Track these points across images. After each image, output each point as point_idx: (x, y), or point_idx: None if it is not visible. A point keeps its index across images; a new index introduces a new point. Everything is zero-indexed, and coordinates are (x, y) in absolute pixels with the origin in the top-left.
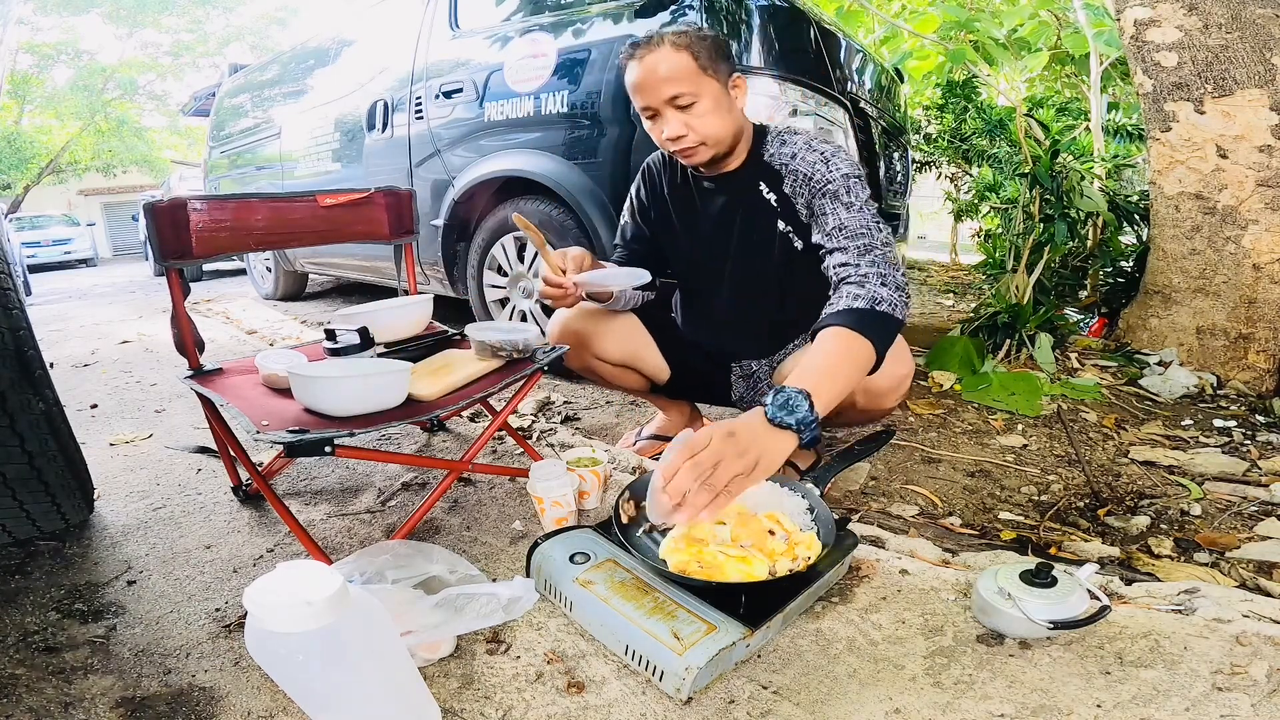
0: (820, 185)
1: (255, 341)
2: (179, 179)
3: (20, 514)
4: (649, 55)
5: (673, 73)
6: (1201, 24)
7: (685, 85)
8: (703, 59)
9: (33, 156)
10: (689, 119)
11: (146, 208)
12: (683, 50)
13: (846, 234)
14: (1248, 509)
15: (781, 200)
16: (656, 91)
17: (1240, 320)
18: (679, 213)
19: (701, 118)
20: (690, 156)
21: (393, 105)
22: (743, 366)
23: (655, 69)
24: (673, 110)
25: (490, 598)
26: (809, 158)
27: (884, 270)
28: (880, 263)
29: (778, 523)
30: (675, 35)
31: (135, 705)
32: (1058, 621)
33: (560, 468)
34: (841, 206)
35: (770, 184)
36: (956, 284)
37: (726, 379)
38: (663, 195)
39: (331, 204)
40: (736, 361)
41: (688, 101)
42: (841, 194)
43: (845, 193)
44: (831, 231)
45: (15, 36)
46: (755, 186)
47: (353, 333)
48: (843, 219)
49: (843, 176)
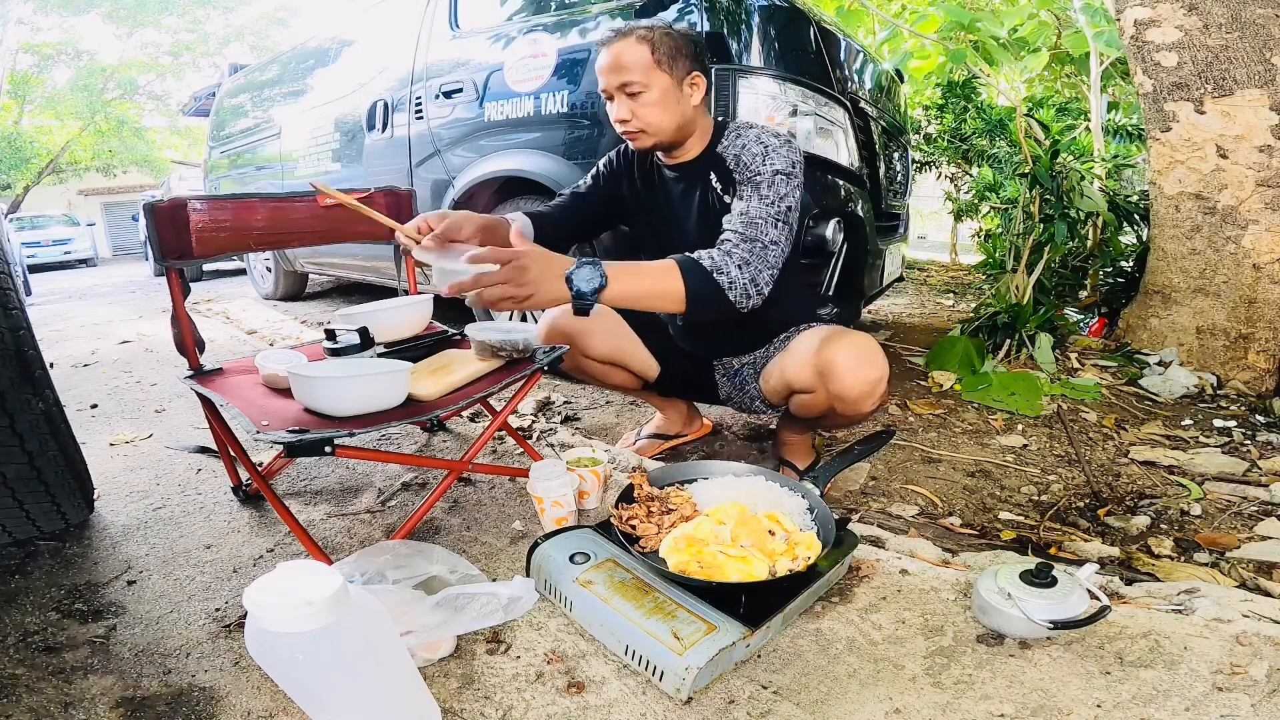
0: (751, 173)
1: (255, 341)
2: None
3: (20, 514)
4: (615, 43)
5: (628, 62)
6: (1201, 24)
7: (637, 75)
8: (660, 54)
9: (33, 156)
10: (635, 106)
11: (146, 208)
12: (643, 44)
13: (744, 220)
14: (1248, 509)
15: (728, 189)
16: (612, 77)
17: (1240, 320)
18: (644, 199)
19: (646, 107)
20: (634, 140)
21: (393, 105)
22: (725, 365)
23: (616, 57)
24: (623, 96)
25: (490, 598)
26: (753, 148)
27: (751, 259)
28: (753, 253)
29: (778, 523)
30: (643, 29)
31: (135, 705)
32: (1058, 621)
33: (560, 468)
34: (757, 197)
35: (719, 174)
36: (956, 284)
37: (711, 378)
38: (631, 179)
39: (331, 204)
40: (717, 360)
41: (636, 90)
42: (763, 187)
43: (767, 187)
44: (735, 215)
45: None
46: (706, 176)
47: (353, 333)
48: (750, 207)
49: (772, 171)
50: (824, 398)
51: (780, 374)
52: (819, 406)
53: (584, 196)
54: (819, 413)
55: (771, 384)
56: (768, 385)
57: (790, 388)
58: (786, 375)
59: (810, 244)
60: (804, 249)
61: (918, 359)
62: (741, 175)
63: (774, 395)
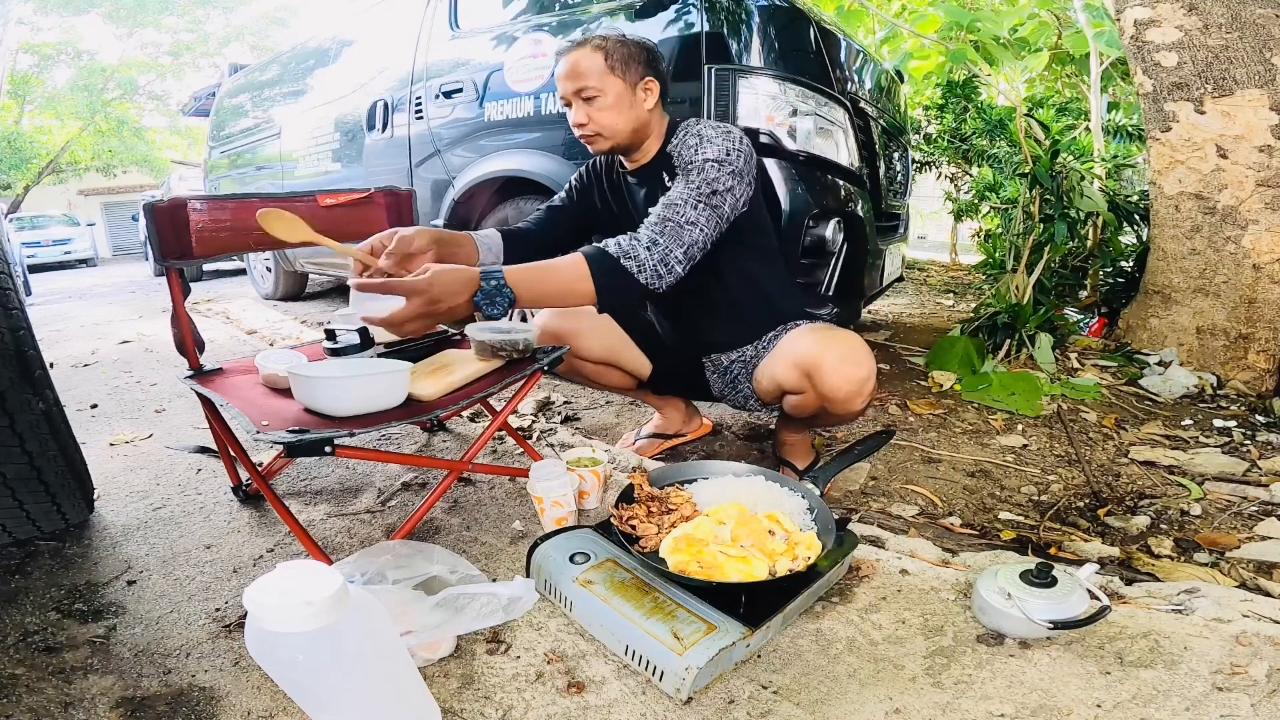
0: (684, 163)
1: (255, 341)
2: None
3: (20, 514)
4: (572, 52)
5: (584, 69)
6: (1201, 24)
7: (592, 81)
8: (613, 60)
9: (33, 156)
10: (590, 110)
11: (146, 208)
12: (597, 51)
13: (664, 203)
14: (1248, 509)
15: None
16: (569, 83)
17: (1240, 320)
18: (612, 207)
19: (601, 111)
20: (592, 143)
21: (393, 105)
22: (714, 361)
23: (572, 64)
24: (579, 101)
25: (490, 598)
26: (690, 141)
27: (660, 239)
28: (663, 232)
29: (778, 523)
30: (598, 38)
31: (135, 705)
32: (1058, 621)
33: (560, 468)
34: (684, 183)
35: (669, 172)
36: (956, 284)
37: (701, 375)
38: (602, 189)
39: (332, 204)
40: (705, 357)
41: (591, 95)
42: (692, 174)
43: (696, 173)
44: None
45: (15, 36)
46: (659, 176)
47: (353, 333)
48: (673, 191)
49: (703, 159)
50: (813, 398)
51: (770, 374)
52: (810, 406)
53: (559, 210)
54: (811, 412)
55: (763, 385)
56: (759, 386)
57: (780, 388)
58: (776, 376)
59: (810, 244)
60: (804, 249)
61: (918, 359)
62: (680, 167)
63: (766, 395)
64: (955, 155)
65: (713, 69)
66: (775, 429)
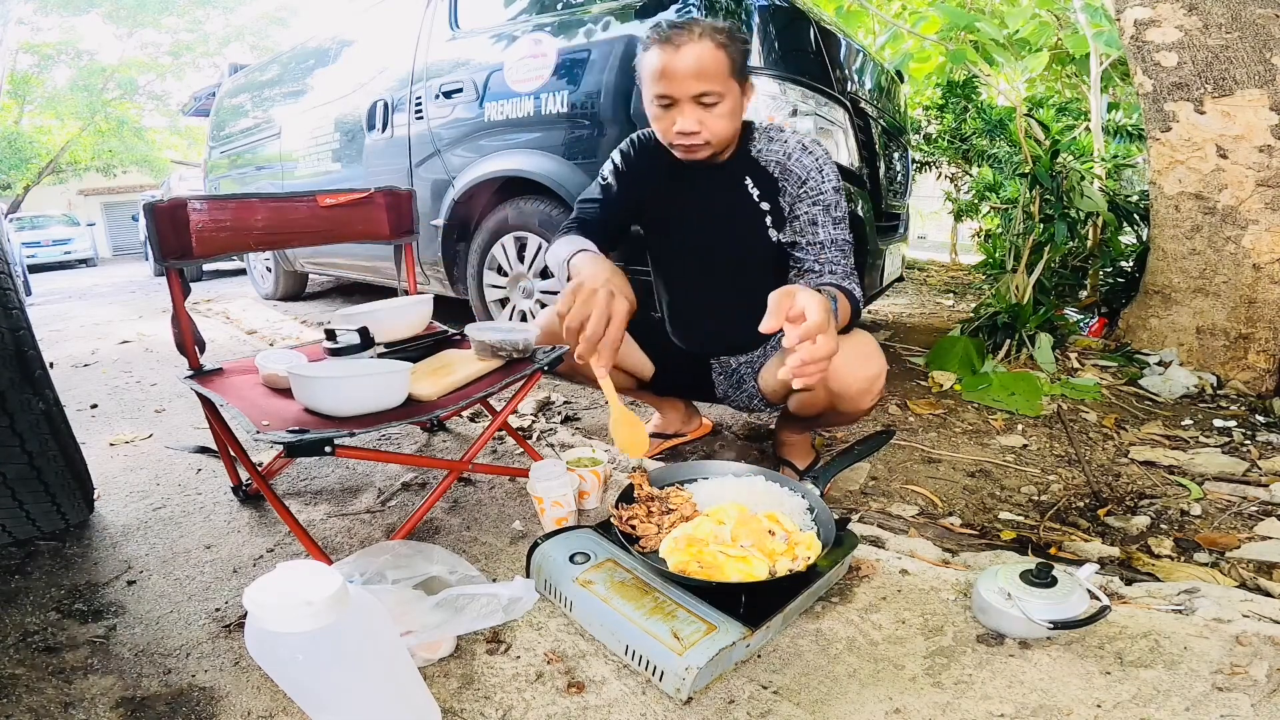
0: (813, 193)
1: (255, 341)
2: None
3: (20, 514)
4: (688, 45)
5: (708, 70)
6: (1201, 24)
7: (716, 84)
8: (737, 61)
9: (33, 156)
10: (706, 117)
11: (146, 208)
12: (721, 49)
13: (833, 252)
14: (1248, 509)
15: (766, 195)
16: (685, 84)
17: (1240, 320)
18: (673, 195)
19: (719, 119)
20: (693, 153)
21: (393, 105)
22: (722, 363)
23: (691, 61)
24: (693, 105)
25: (491, 598)
26: (805, 160)
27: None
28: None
29: (778, 523)
30: (716, 32)
31: (135, 705)
32: (1058, 621)
33: (560, 468)
34: (830, 222)
35: (755, 179)
36: (956, 284)
37: (708, 375)
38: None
39: (331, 204)
40: (715, 359)
41: (713, 101)
42: (832, 208)
43: (835, 208)
44: (819, 243)
45: (15, 36)
46: (741, 180)
47: (353, 333)
48: (832, 236)
49: (833, 189)
50: (823, 395)
51: (778, 372)
52: (818, 404)
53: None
54: (818, 410)
55: (770, 383)
56: (766, 384)
57: (788, 385)
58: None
59: None
60: None
61: (918, 359)
62: (796, 189)
63: (772, 394)
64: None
65: None
66: (775, 429)
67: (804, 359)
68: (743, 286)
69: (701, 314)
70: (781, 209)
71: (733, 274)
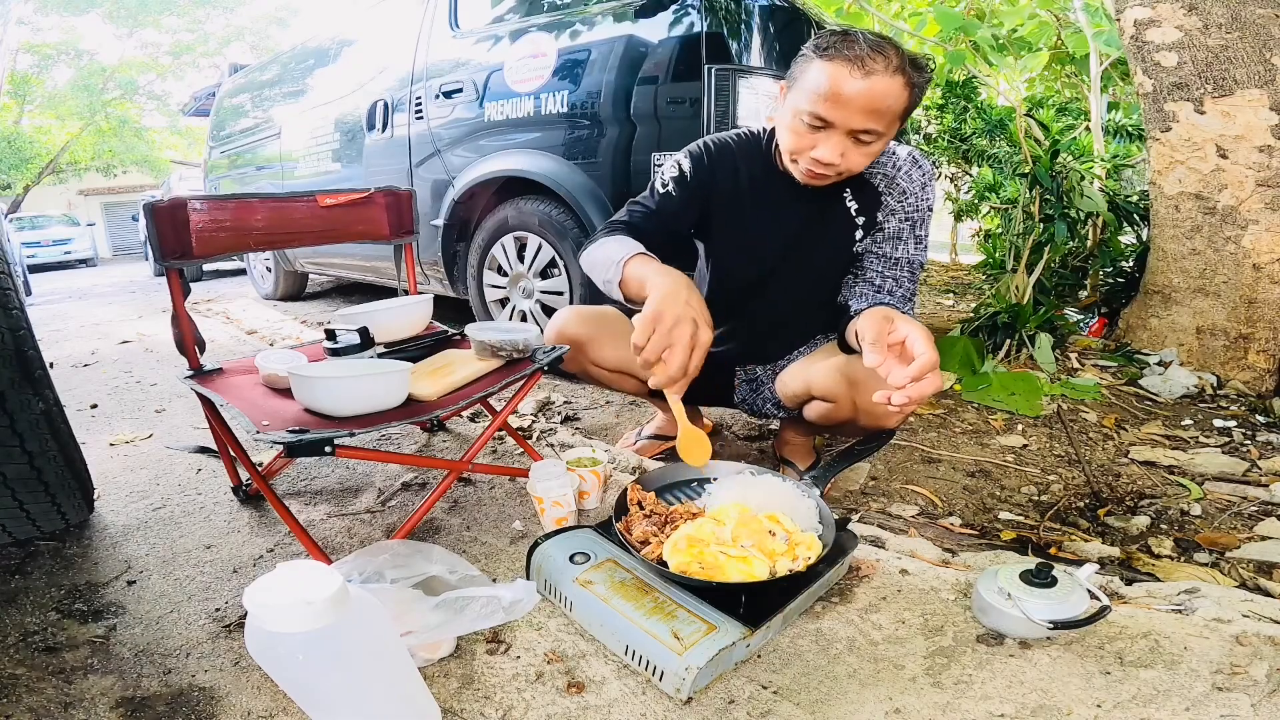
0: (910, 209)
1: (255, 341)
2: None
3: (20, 514)
4: (879, 76)
5: (887, 107)
6: (1201, 24)
7: (885, 124)
8: (913, 105)
9: (33, 156)
10: (852, 151)
11: (146, 208)
12: (909, 90)
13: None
14: (1248, 509)
15: (865, 209)
16: (855, 116)
17: (1240, 320)
18: (755, 205)
19: (865, 156)
20: (818, 179)
21: (393, 105)
22: (748, 371)
23: (876, 95)
24: (848, 139)
25: (491, 599)
26: (914, 174)
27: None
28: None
29: (778, 523)
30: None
31: (135, 705)
32: (1058, 621)
33: (560, 468)
34: (914, 240)
35: (856, 192)
36: (956, 284)
37: (729, 381)
38: (742, 182)
39: (331, 204)
40: (742, 366)
41: (870, 140)
42: (919, 226)
43: (921, 226)
44: (894, 259)
45: (15, 36)
46: (840, 194)
47: (353, 333)
48: (909, 255)
49: (928, 208)
50: (848, 408)
51: (803, 379)
52: (840, 416)
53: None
54: (838, 421)
55: (791, 389)
56: (785, 389)
57: (811, 394)
58: (811, 381)
59: None
60: None
61: None
62: (897, 201)
63: (791, 400)
64: (955, 155)
65: (713, 69)
66: (779, 429)
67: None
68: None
69: (754, 324)
70: (877, 220)
71: (807, 287)
